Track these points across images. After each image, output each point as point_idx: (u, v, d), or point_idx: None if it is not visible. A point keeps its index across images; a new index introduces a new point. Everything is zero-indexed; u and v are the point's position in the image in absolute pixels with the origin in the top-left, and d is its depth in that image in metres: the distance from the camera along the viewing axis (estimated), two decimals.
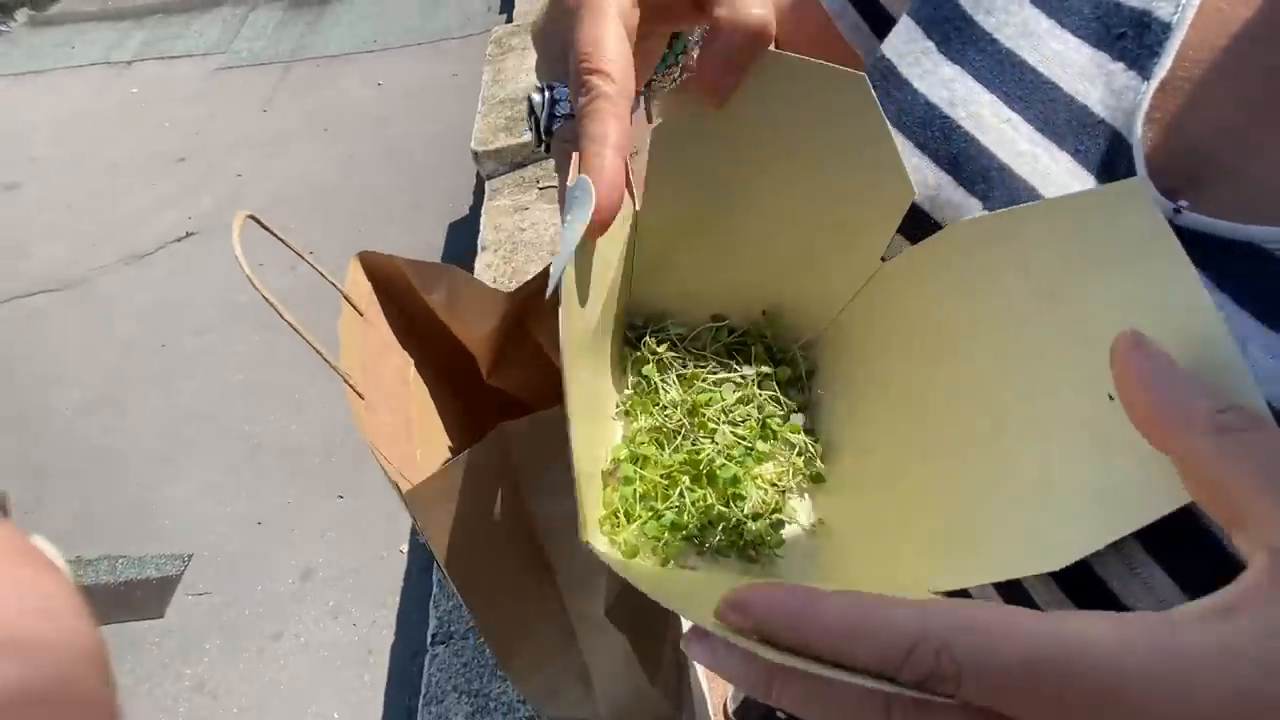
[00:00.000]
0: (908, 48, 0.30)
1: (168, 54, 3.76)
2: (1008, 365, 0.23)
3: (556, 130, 0.26)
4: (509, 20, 2.63)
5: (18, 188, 2.88)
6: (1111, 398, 0.19)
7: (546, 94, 0.26)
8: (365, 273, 0.45)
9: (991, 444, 0.23)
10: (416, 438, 0.42)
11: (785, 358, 0.32)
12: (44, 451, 1.83)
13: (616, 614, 0.40)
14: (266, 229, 0.43)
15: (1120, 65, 0.24)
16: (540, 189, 1.55)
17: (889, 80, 0.30)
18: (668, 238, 0.31)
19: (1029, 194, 0.25)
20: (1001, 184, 0.25)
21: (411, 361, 0.46)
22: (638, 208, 0.30)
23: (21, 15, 4.44)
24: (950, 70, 0.28)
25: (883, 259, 0.29)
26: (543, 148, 0.27)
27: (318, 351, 0.30)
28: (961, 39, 0.29)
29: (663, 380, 0.30)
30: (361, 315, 0.43)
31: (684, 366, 0.31)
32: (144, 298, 2.30)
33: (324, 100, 3.19)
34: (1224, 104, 0.22)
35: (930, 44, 0.29)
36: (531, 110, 0.27)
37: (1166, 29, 0.24)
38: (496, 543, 0.37)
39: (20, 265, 2.48)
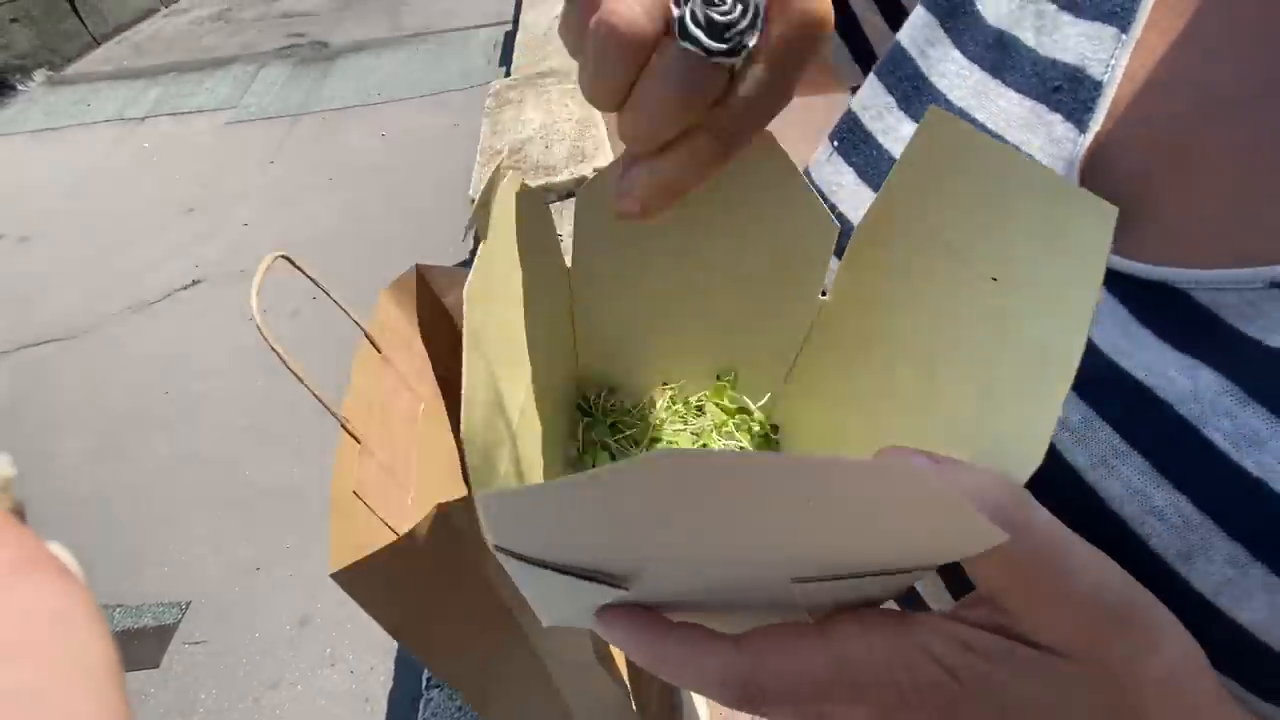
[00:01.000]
0: (872, 102, 0.32)
1: (180, 110, 3.90)
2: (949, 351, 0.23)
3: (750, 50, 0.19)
4: (507, 74, 2.74)
5: (30, 240, 2.95)
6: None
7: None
8: (411, 293, 0.44)
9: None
10: (415, 480, 0.43)
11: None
12: (45, 500, 1.84)
13: (605, 655, 0.40)
14: (298, 268, 0.41)
15: (1058, 116, 0.26)
16: None
17: (854, 133, 0.32)
18: (606, 301, 0.30)
19: None
20: None
21: (424, 399, 0.45)
22: (573, 261, 0.29)
23: (39, 75, 4.62)
24: (909, 128, 0.30)
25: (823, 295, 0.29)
26: (734, 56, 0.19)
27: (316, 397, 0.32)
28: (920, 97, 0.31)
29: (617, 442, 0.30)
30: (380, 352, 0.42)
31: (639, 430, 0.31)
32: (150, 344, 2.33)
33: (329, 151, 3.29)
34: (1145, 154, 0.24)
35: (892, 100, 0.32)
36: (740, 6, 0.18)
37: (1098, 86, 0.26)
38: (452, 610, 0.36)
39: (30, 315, 2.52)
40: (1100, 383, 0.23)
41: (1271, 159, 0.21)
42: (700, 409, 0.32)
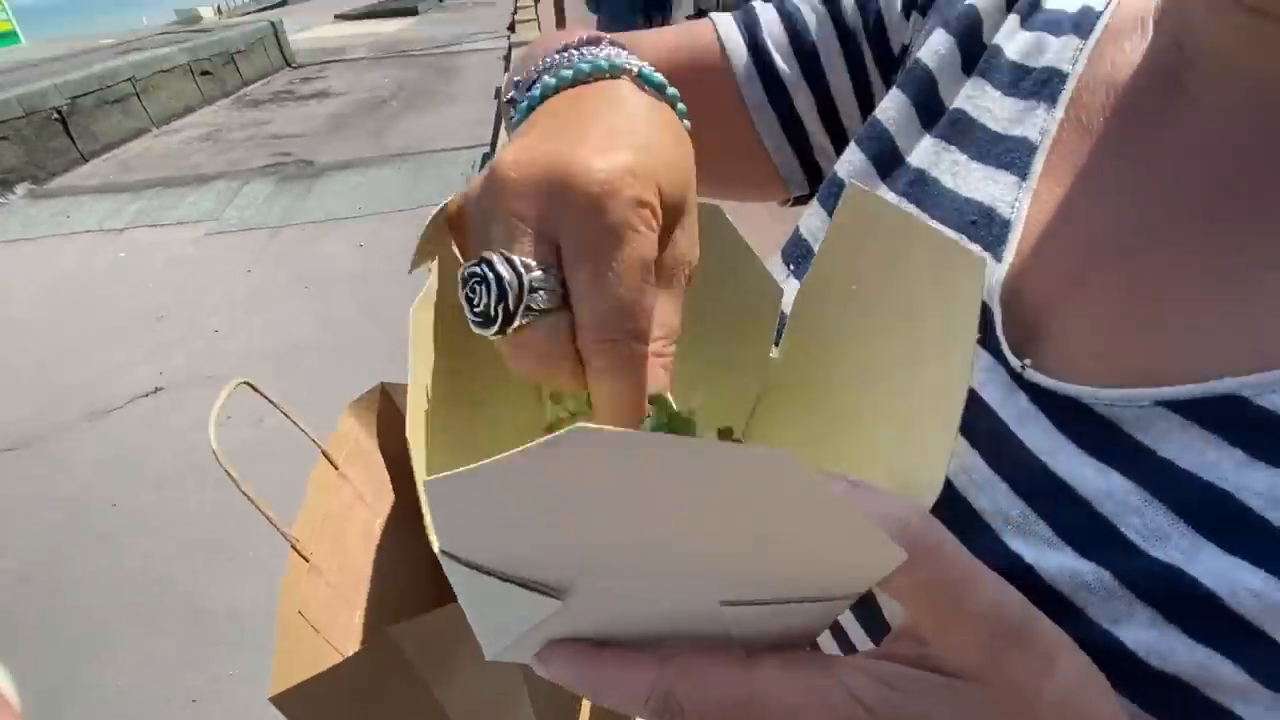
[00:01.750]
0: (817, 227, 0.36)
1: (161, 222, 3.99)
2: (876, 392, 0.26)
3: (530, 323, 0.20)
4: None
5: None
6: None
7: (511, 270, 0.20)
8: (374, 409, 0.44)
9: None
10: (366, 599, 0.41)
11: None
12: None
13: None
14: (259, 392, 0.42)
15: (978, 246, 0.30)
16: None
17: (805, 256, 0.36)
18: None
19: None
20: None
21: (381, 515, 0.45)
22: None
23: (21, 189, 4.71)
24: None
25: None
26: (495, 328, 0.20)
27: (266, 517, 0.32)
28: None
29: None
30: (337, 469, 0.42)
31: None
32: (103, 454, 2.25)
33: (307, 261, 3.37)
34: (1048, 285, 0.28)
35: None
36: (492, 286, 0.20)
37: (1006, 224, 0.29)
38: None
39: None
40: (1033, 481, 0.25)
41: (1146, 293, 0.25)
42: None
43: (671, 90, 0.26)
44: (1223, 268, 0.24)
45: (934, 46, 0.35)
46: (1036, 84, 0.31)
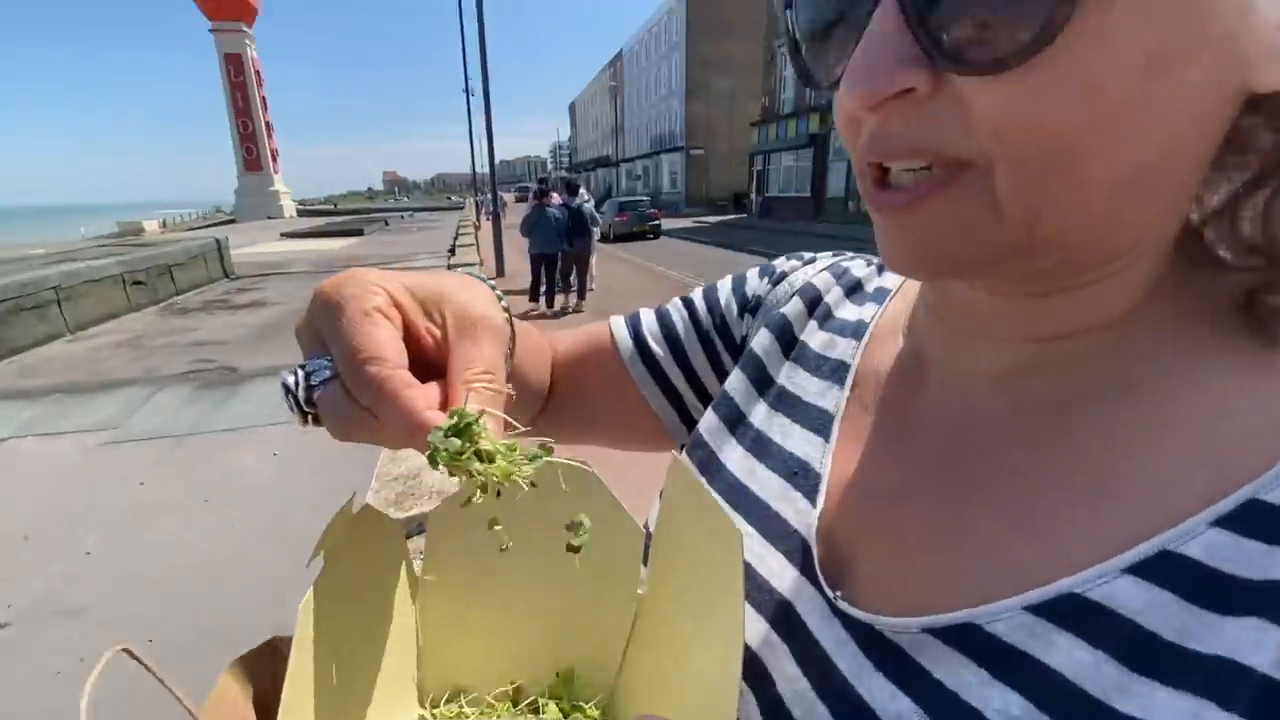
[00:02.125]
0: (694, 455, 0.44)
1: (51, 430, 3.72)
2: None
3: (319, 396, 0.29)
4: None
5: None
6: None
7: (299, 372, 0.29)
8: (258, 667, 0.43)
9: None
10: None
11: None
12: None
13: None
14: (138, 660, 0.40)
15: (800, 494, 0.36)
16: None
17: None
18: (455, 607, 0.35)
19: (763, 589, 0.34)
20: (749, 578, 0.35)
21: None
22: (425, 576, 0.34)
23: None
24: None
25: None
26: (307, 421, 0.30)
27: None
28: (712, 469, 0.42)
29: None
30: None
31: None
32: None
33: (211, 472, 3.17)
34: (850, 529, 0.34)
35: (694, 470, 0.43)
36: (289, 391, 0.29)
37: (819, 476, 0.36)
38: None
39: None
40: (846, 704, 0.29)
41: (912, 535, 0.31)
42: (538, 710, 0.35)
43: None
44: (956, 516, 0.30)
45: (761, 340, 0.46)
46: (831, 370, 0.41)
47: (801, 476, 0.37)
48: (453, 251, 10.46)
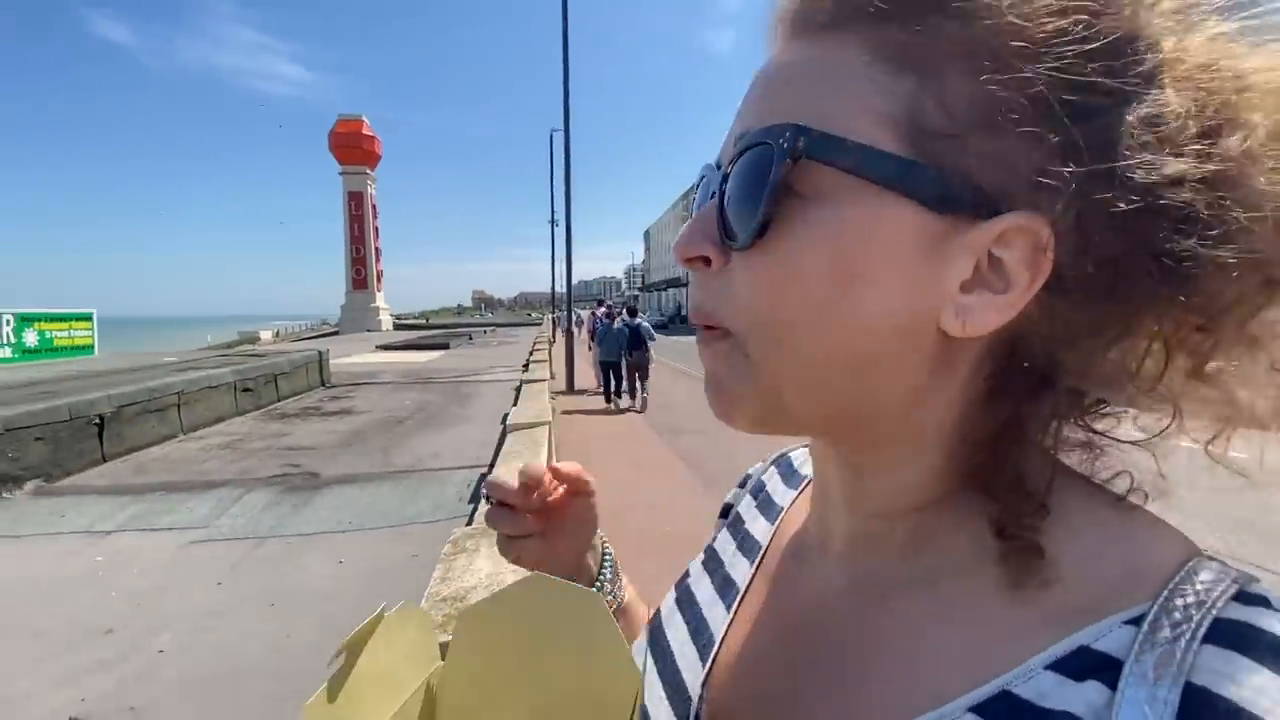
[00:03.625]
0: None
1: (151, 526, 4.04)
2: None
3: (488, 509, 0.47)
4: (474, 511, 3.01)
5: None
6: None
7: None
8: None
9: None
10: None
11: None
12: None
13: None
14: None
15: (696, 653, 0.40)
16: None
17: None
18: (470, 706, 0.36)
19: None
20: None
21: None
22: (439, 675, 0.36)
23: (30, 485, 4.84)
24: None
25: None
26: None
27: None
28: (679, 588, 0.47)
29: None
30: None
31: None
32: None
33: (281, 576, 3.32)
34: (731, 690, 0.37)
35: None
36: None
37: (713, 640, 0.39)
38: None
39: None
40: None
41: (773, 708, 0.33)
42: None
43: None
44: (810, 685, 0.33)
45: (721, 528, 0.51)
46: (746, 546, 0.45)
47: (701, 636, 0.41)
48: (526, 367, 10.99)
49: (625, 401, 9.09)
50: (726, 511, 0.54)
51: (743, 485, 0.54)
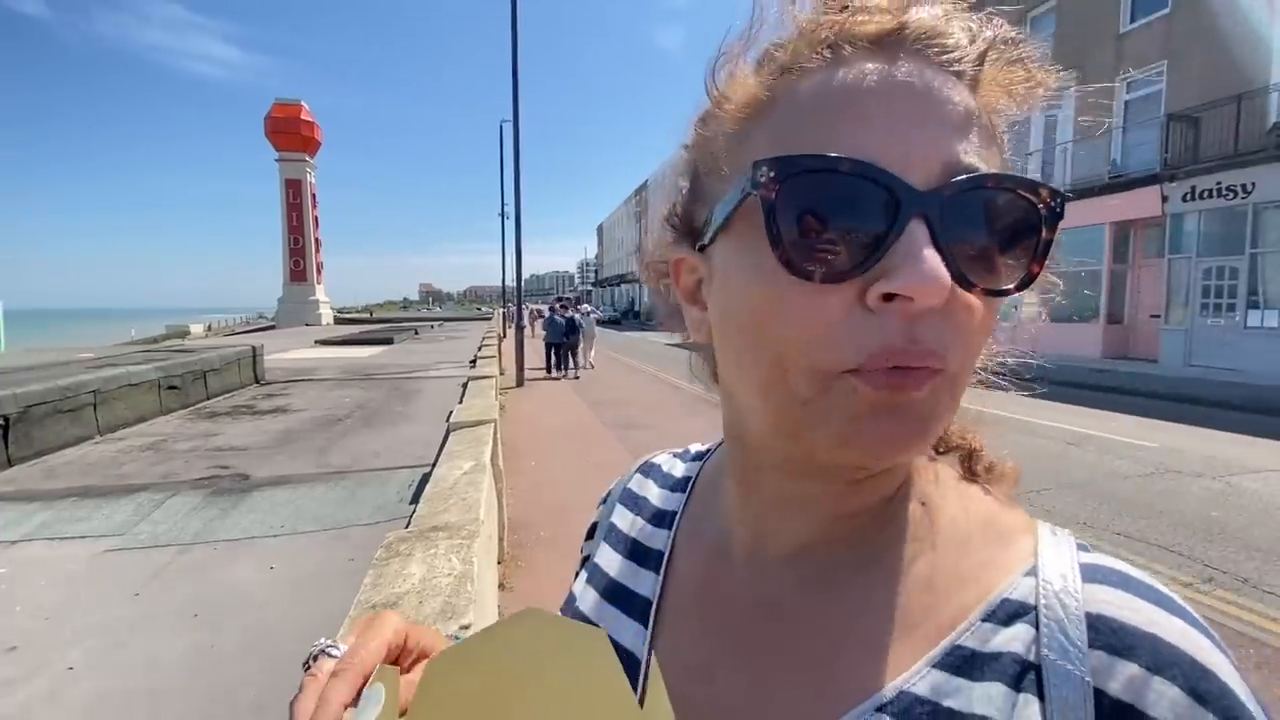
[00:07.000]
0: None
1: (61, 535, 3.78)
2: None
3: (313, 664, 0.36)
4: (414, 512, 2.91)
5: None
6: None
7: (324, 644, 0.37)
8: None
9: None
10: None
11: None
12: None
13: None
14: None
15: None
16: None
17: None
18: None
19: None
20: None
21: None
22: None
23: None
24: None
25: None
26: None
27: None
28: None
29: None
30: None
31: None
32: None
33: (205, 585, 3.16)
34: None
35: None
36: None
37: (638, 664, 0.39)
38: None
39: None
40: None
41: (721, 714, 0.34)
42: None
43: None
44: (758, 686, 0.34)
45: (598, 547, 0.50)
46: (652, 560, 0.44)
47: (627, 664, 0.40)
48: (474, 363, 10.78)
49: (559, 373, 13.24)
50: (592, 532, 0.54)
51: (604, 503, 0.54)
